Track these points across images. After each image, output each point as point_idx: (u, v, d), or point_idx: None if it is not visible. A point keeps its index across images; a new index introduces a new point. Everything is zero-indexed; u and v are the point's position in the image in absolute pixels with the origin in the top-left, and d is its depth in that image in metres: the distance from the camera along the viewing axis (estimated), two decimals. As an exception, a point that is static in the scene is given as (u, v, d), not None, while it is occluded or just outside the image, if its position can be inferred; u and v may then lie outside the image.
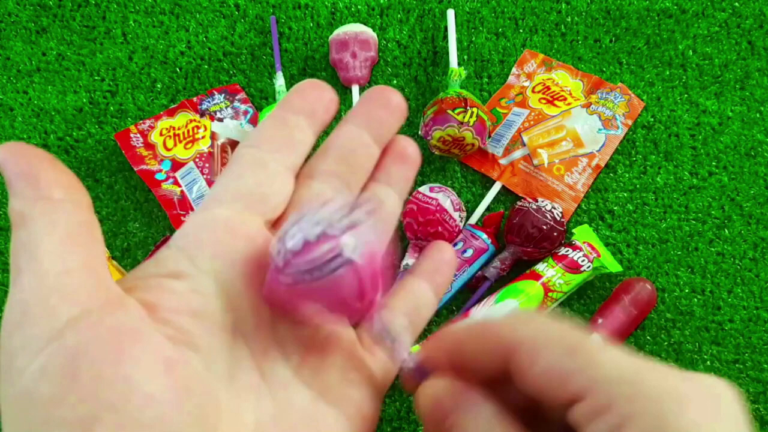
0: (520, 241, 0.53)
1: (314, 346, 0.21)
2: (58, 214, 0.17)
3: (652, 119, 0.61)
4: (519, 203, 0.55)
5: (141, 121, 0.60)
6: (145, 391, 0.15)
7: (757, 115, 0.61)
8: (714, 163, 0.60)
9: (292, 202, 0.22)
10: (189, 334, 0.17)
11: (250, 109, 0.61)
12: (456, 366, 0.19)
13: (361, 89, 0.61)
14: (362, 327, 0.19)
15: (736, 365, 0.54)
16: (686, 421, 0.14)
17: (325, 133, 0.31)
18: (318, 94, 0.22)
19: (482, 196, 0.58)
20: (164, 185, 0.57)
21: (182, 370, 0.16)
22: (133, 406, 0.15)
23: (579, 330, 0.17)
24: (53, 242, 0.16)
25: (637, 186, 0.59)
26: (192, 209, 0.57)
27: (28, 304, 0.16)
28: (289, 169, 0.22)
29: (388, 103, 0.23)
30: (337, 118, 0.36)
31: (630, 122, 0.60)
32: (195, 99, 0.61)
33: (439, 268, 0.24)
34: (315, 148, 0.23)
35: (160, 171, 0.58)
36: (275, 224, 0.21)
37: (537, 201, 0.54)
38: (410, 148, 0.24)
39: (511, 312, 0.18)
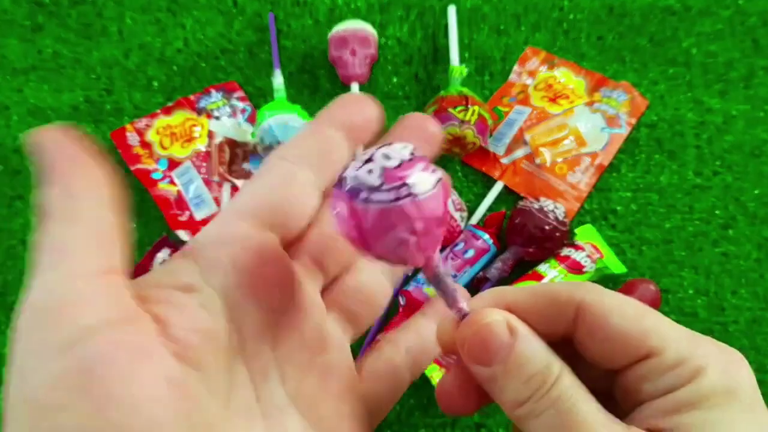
0: (522, 242, 0.52)
1: (313, 371, 0.20)
2: (84, 214, 0.16)
3: (656, 118, 0.60)
4: (521, 203, 0.54)
5: (137, 120, 0.59)
6: (149, 414, 0.15)
7: (762, 113, 0.60)
8: (718, 163, 0.59)
9: (315, 221, 0.21)
10: (194, 351, 0.17)
11: (248, 107, 0.60)
12: None
13: (361, 87, 0.61)
14: (422, 271, 0.19)
15: (741, 367, 0.53)
16: (741, 375, 0.17)
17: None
18: (360, 110, 0.21)
19: (484, 196, 0.57)
20: (161, 185, 0.56)
21: (185, 391, 0.16)
22: (135, 429, 0.15)
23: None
24: (75, 244, 0.16)
25: (641, 185, 0.58)
26: (189, 209, 0.56)
27: (45, 307, 0.15)
28: (317, 188, 0.21)
29: (425, 132, 0.22)
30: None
31: (633, 121, 0.59)
32: (192, 97, 0.60)
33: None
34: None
35: (157, 170, 0.57)
36: (293, 243, 0.21)
37: (539, 201, 0.54)
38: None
39: (573, 281, 0.19)
